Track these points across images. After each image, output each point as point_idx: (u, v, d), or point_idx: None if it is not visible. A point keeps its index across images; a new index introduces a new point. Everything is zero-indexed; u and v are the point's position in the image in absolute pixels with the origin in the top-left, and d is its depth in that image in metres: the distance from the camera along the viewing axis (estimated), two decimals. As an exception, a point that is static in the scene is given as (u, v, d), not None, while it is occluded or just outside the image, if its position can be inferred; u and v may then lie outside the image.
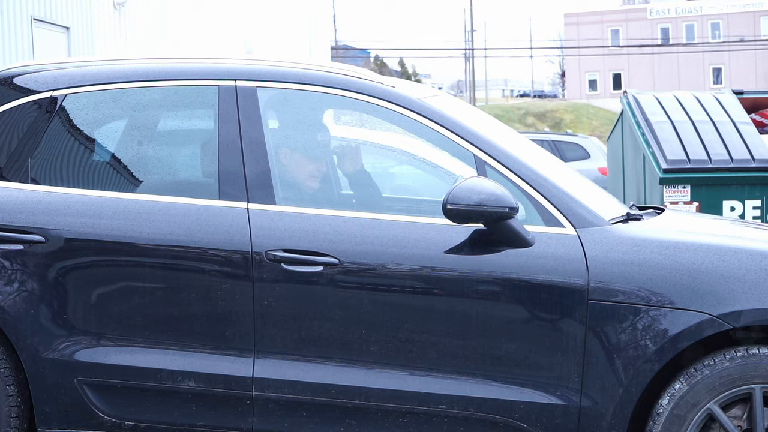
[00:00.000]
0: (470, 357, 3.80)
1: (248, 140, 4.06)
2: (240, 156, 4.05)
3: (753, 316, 3.68)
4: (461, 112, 4.29)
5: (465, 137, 4.03)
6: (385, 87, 4.12)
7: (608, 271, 3.74)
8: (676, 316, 3.68)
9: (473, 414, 3.80)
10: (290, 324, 3.88)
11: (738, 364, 3.68)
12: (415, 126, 4.10)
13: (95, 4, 13.13)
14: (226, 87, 4.11)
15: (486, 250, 3.83)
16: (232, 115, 4.10)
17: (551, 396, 3.76)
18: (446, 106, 4.24)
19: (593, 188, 4.43)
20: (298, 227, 3.93)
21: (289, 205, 4.03)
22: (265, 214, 3.96)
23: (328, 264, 3.84)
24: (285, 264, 3.87)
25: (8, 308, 4.01)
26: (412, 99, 4.11)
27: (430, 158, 4.41)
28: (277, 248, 3.89)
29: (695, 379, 3.68)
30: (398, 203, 4.63)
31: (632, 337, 3.70)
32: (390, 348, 3.84)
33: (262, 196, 4.00)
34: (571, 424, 3.74)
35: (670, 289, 3.71)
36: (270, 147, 4.09)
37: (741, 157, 7.94)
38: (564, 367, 3.74)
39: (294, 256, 3.86)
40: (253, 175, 4.03)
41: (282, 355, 3.89)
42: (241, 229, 3.93)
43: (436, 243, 3.85)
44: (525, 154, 4.14)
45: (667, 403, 3.70)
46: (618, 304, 3.72)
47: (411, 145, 4.48)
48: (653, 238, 3.90)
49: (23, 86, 4.30)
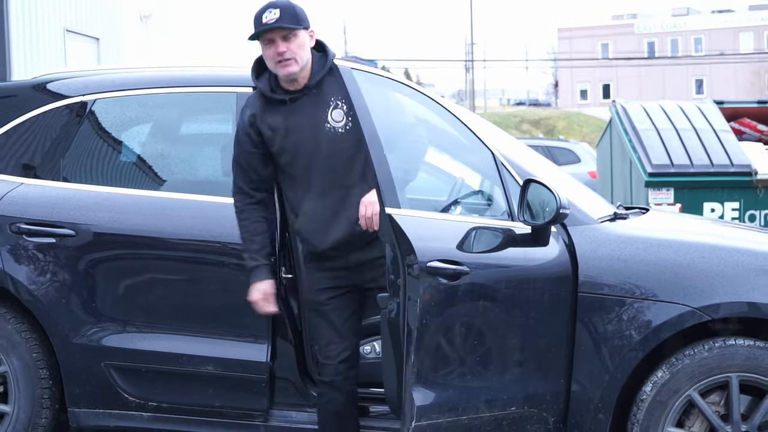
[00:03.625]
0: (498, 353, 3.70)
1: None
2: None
3: (730, 308, 3.67)
4: (471, 118, 4.26)
5: (484, 141, 3.94)
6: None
7: (596, 266, 3.72)
8: (659, 308, 3.67)
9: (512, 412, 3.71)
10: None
11: (716, 353, 3.67)
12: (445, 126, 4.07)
13: (123, 16, 13.15)
14: (243, 93, 4.11)
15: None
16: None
17: (542, 383, 3.72)
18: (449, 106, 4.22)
19: (583, 189, 4.42)
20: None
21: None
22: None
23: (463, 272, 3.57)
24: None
25: (41, 297, 4.02)
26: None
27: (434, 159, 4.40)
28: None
29: (676, 368, 3.68)
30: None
31: (618, 328, 3.68)
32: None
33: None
34: (560, 406, 3.73)
35: (653, 283, 3.69)
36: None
37: (721, 162, 7.93)
38: (553, 355, 3.72)
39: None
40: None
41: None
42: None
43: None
44: (520, 157, 4.13)
45: (650, 390, 3.69)
46: (605, 297, 3.70)
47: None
48: (638, 236, 3.90)
49: (56, 91, 4.31)
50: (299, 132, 3.61)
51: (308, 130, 3.60)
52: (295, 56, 3.55)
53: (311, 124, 3.60)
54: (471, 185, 4.30)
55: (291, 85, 3.64)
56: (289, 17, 3.55)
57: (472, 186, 4.29)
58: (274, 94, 3.66)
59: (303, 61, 3.58)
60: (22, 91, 4.45)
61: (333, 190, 3.61)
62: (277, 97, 3.65)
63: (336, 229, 3.62)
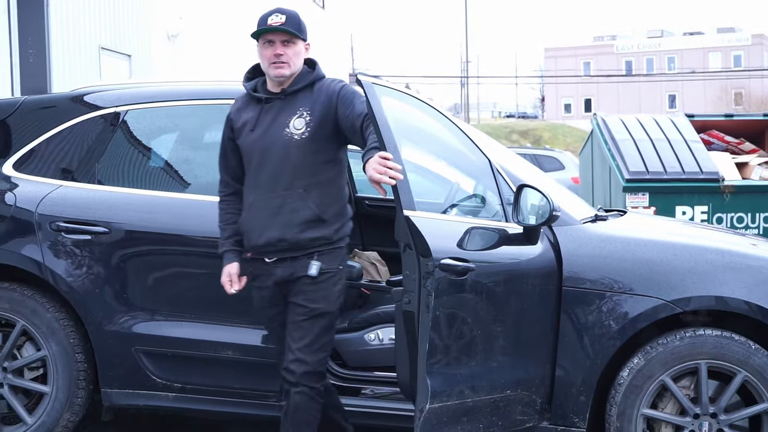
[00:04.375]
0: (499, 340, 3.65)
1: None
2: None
3: (700, 301, 3.66)
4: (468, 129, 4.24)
5: (481, 149, 3.91)
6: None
7: (579, 263, 3.71)
8: (635, 301, 3.66)
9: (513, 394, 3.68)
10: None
11: (687, 342, 3.66)
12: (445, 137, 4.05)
13: (153, 35, 13.14)
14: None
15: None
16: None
17: (530, 368, 3.71)
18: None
19: (567, 194, 4.41)
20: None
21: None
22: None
23: (469, 269, 3.52)
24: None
25: (78, 288, 4.02)
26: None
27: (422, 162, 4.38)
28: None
29: (651, 355, 3.67)
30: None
31: (598, 318, 3.68)
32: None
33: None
34: (545, 390, 3.73)
35: (630, 278, 3.68)
36: None
37: (691, 170, 7.92)
38: (540, 342, 3.71)
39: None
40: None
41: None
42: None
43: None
44: (508, 161, 4.12)
45: (627, 375, 3.69)
46: (587, 290, 3.69)
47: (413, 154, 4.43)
48: (617, 236, 3.89)
49: (92, 103, 4.30)
50: (263, 130, 3.52)
51: (269, 130, 3.51)
52: (289, 61, 3.49)
53: (273, 126, 3.50)
54: (467, 189, 4.27)
55: (275, 88, 3.56)
56: (293, 25, 3.50)
57: (468, 190, 4.27)
58: (255, 92, 3.59)
59: (295, 67, 3.52)
60: (61, 102, 4.44)
61: (276, 191, 3.48)
62: (257, 95, 3.58)
63: (270, 229, 3.46)
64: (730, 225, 7.81)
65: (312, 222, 3.46)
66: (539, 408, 3.72)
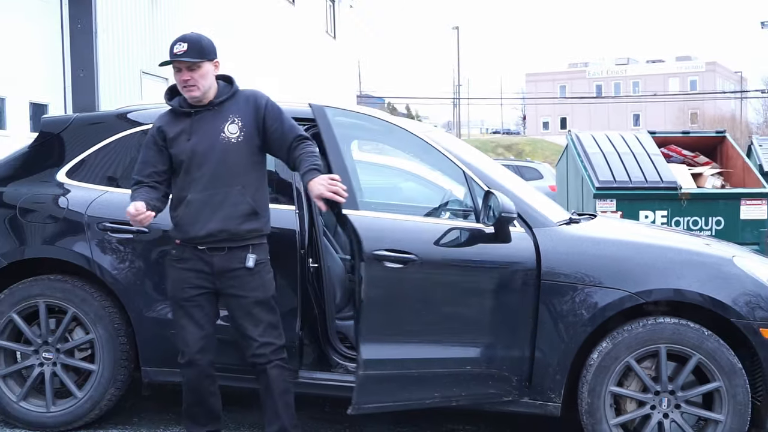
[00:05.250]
0: (473, 325, 3.71)
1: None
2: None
3: (660, 293, 3.67)
4: (451, 143, 4.25)
5: (454, 160, 3.96)
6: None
7: (555, 259, 3.71)
8: (604, 293, 3.66)
9: (484, 371, 3.71)
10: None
11: (649, 329, 3.67)
12: (416, 149, 4.08)
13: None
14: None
15: (470, 243, 3.72)
16: None
17: (512, 349, 3.72)
18: (440, 138, 4.22)
19: (545, 200, 4.41)
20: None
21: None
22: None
23: (411, 260, 3.59)
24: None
25: (122, 280, 4.02)
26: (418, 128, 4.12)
27: (424, 174, 4.38)
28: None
29: (617, 340, 3.67)
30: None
31: (572, 308, 3.68)
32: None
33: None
34: (525, 369, 3.73)
35: (600, 273, 3.68)
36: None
37: (653, 179, 7.91)
38: (521, 328, 3.71)
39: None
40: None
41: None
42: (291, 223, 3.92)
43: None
44: (494, 171, 4.12)
45: (596, 357, 3.69)
46: (562, 283, 3.69)
47: (412, 165, 4.45)
48: (588, 236, 3.89)
49: (134, 120, 4.31)
50: (199, 137, 3.51)
51: (207, 136, 3.50)
52: (197, 83, 3.48)
53: (210, 133, 3.50)
54: (458, 196, 4.28)
55: (198, 103, 3.56)
56: (194, 51, 3.47)
57: (456, 196, 4.29)
58: (181, 108, 3.58)
59: (204, 87, 3.50)
60: (108, 119, 4.44)
61: (216, 189, 3.46)
62: (184, 110, 3.57)
63: (213, 222, 3.44)
64: (687, 227, 7.81)
65: (249, 215, 3.48)
66: (516, 384, 3.72)
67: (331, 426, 4.32)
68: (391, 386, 3.59)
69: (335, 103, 3.89)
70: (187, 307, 3.55)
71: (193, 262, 3.52)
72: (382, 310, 3.55)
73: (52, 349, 4.09)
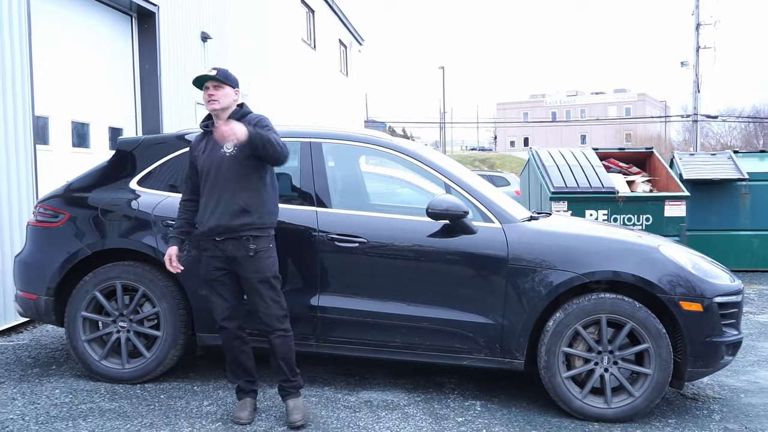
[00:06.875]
0: (441, 295, 3.76)
1: (316, 171, 4.05)
2: (311, 179, 4.03)
3: (602, 274, 3.66)
4: (437, 157, 4.25)
5: (438, 170, 3.99)
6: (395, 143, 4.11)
7: (519, 249, 3.71)
8: (557, 274, 3.65)
9: (444, 328, 3.76)
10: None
11: (593, 302, 3.66)
12: (408, 164, 4.07)
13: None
14: (305, 142, 4.10)
15: (450, 235, 3.78)
16: (307, 157, 4.09)
17: (487, 318, 3.74)
18: (429, 153, 4.21)
19: (512, 202, 4.40)
20: (345, 221, 3.89)
21: (339, 208, 3.96)
22: (324, 213, 3.94)
23: (361, 242, 3.80)
24: (336, 241, 3.84)
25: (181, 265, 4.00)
26: (409, 149, 4.10)
27: (417, 182, 4.37)
28: (330, 232, 3.86)
29: (568, 311, 3.66)
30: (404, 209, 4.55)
31: (532, 286, 3.67)
32: (399, 287, 3.80)
33: (323, 202, 3.98)
34: (497, 334, 3.73)
35: (554, 259, 3.68)
36: (328, 174, 4.07)
37: (596, 185, 7.90)
38: (494, 302, 3.72)
39: (340, 237, 3.85)
40: (318, 189, 4.01)
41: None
42: (311, 220, 3.92)
43: (423, 231, 3.82)
44: (472, 180, 4.11)
45: (551, 324, 3.68)
46: (524, 267, 3.69)
47: (406, 175, 4.44)
48: (545, 230, 3.87)
49: (189, 140, 4.27)
50: (209, 152, 3.51)
51: (213, 151, 3.49)
52: (218, 99, 3.48)
53: (216, 148, 3.49)
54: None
55: (217, 118, 3.54)
56: (221, 75, 3.49)
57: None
58: (206, 127, 3.58)
59: (223, 104, 3.49)
60: (169, 140, 4.43)
61: (219, 192, 3.45)
62: (207, 129, 3.58)
63: (216, 217, 3.43)
64: (623, 223, 7.80)
65: (241, 212, 3.43)
66: (483, 344, 3.71)
67: (344, 378, 4.31)
68: (348, 327, 3.80)
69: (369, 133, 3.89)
70: (214, 285, 3.53)
71: (212, 251, 3.50)
72: (334, 274, 3.82)
73: (126, 319, 4.10)
